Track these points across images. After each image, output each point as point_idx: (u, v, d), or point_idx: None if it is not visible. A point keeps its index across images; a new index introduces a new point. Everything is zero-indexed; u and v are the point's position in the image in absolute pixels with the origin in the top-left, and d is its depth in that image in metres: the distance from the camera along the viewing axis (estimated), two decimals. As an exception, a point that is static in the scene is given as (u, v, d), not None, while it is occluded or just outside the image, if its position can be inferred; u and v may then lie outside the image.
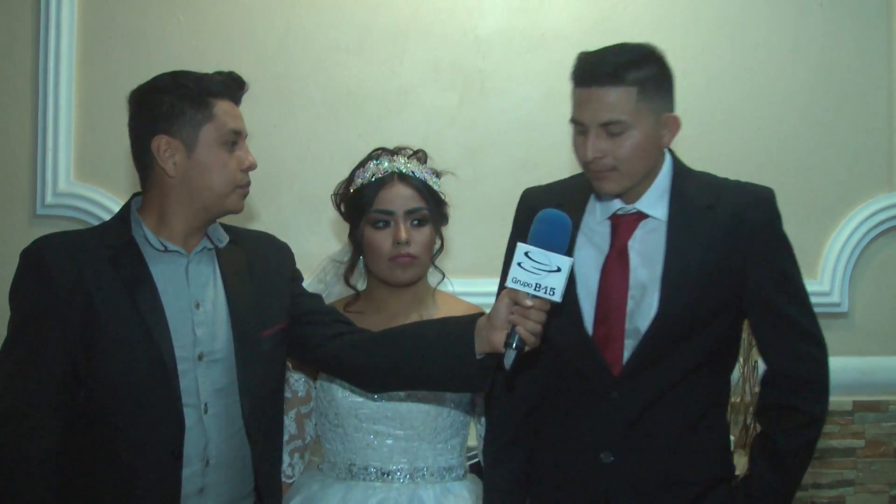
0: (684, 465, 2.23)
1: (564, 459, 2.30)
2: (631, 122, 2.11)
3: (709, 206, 2.20)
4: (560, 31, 3.71)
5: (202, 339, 2.18)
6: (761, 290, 2.19)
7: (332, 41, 3.71)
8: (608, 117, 2.10)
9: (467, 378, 2.13)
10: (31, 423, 2.08)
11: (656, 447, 2.22)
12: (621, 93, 2.09)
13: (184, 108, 2.14)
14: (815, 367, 2.22)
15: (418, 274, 2.56)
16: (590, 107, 2.11)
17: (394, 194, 2.51)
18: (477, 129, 3.74)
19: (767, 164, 3.75)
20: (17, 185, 3.62)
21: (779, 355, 2.22)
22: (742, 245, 2.18)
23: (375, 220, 2.51)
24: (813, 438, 2.22)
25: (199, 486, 2.17)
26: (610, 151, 2.12)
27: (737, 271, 2.18)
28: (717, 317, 2.20)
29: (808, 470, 3.65)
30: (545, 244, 1.97)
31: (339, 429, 2.53)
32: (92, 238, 2.19)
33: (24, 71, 3.62)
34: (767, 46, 3.77)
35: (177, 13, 3.66)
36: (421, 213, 2.53)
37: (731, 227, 2.18)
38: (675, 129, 2.22)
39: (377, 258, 2.52)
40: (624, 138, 2.11)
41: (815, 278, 3.75)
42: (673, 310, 2.16)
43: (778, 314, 2.20)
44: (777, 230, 2.24)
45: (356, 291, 2.65)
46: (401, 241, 2.48)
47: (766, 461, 2.22)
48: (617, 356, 2.21)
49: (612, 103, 2.09)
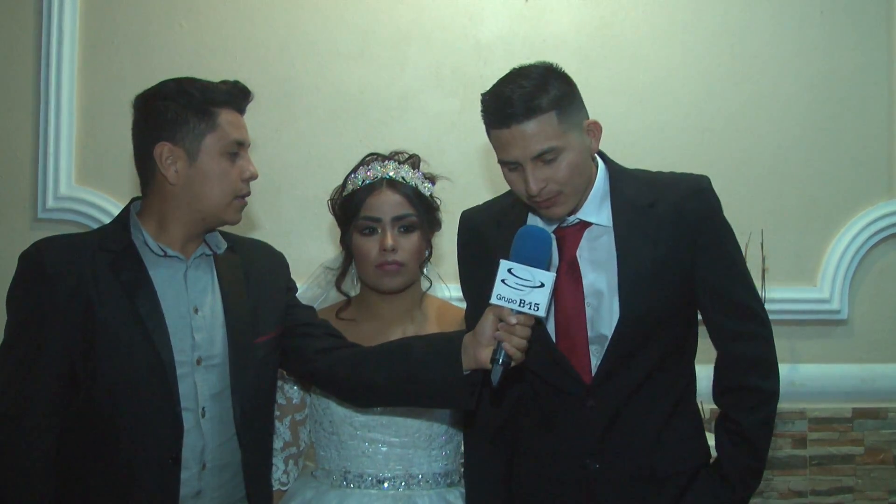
0: (667, 459, 2.25)
1: (548, 468, 2.31)
2: (561, 146, 2.10)
3: (650, 204, 2.22)
4: (561, 37, 3.72)
5: (201, 344, 2.19)
6: (709, 276, 2.22)
7: (334, 47, 3.71)
8: (538, 148, 2.09)
9: (454, 394, 2.15)
10: (30, 425, 2.08)
11: (637, 445, 2.24)
12: (542, 121, 2.08)
13: (187, 117, 2.15)
14: (763, 346, 2.26)
15: (405, 282, 2.56)
16: (517, 144, 2.10)
17: (381, 201, 2.51)
18: (478, 135, 3.69)
19: (768, 171, 3.76)
20: (18, 189, 3.62)
21: (729, 337, 2.25)
22: (687, 236, 2.20)
23: (363, 226, 2.51)
24: (771, 414, 2.26)
25: (196, 489, 2.18)
26: (551, 176, 2.11)
27: (687, 262, 2.21)
28: (677, 312, 2.24)
29: (808, 476, 3.71)
30: (528, 260, 1.98)
31: (333, 436, 2.53)
32: (91, 242, 2.19)
33: (25, 75, 3.63)
34: (768, 54, 3.78)
35: (179, 18, 3.67)
36: (409, 219, 2.52)
37: (674, 221, 2.21)
38: (598, 133, 2.22)
39: (364, 265, 2.52)
40: (559, 162, 2.11)
41: (815, 285, 3.76)
42: (635, 311, 2.18)
43: (725, 297, 2.23)
44: (718, 216, 2.26)
45: (347, 298, 2.65)
46: (387, 247, 2.47)
47: (732, 443, 2.25)
48: (584, 364, 2.22)
49: (538, 134, 2.08)
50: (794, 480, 3.75)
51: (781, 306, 3.62)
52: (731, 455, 2.25)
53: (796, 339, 3.73)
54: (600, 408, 2.23)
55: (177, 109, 2.15)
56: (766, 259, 3.64)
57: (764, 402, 2.24)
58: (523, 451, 2.38)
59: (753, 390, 2.23)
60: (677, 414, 2.28)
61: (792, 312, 3.70)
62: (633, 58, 3.75)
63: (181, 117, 2.15)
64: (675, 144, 3.73)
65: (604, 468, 2.23)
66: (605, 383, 2.21)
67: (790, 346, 3.70)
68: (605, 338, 2.21)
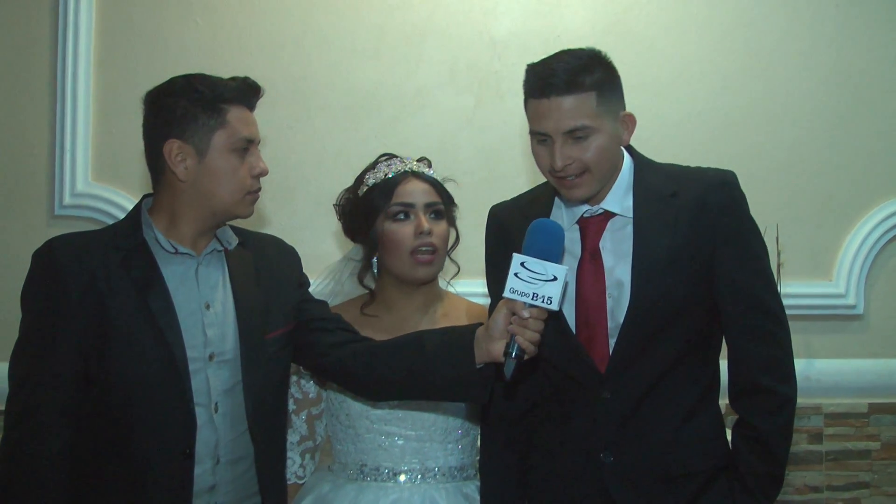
0: (684, 458, 2.23)
1: (562, 462, 2.30)
2: (595, 126, 2.13)
3: (672, 194, 2.22)
4: (575, 32, 3.71)
5: (213, 340, 2.20)
6: (728, 271, 2.20)
7: (349, 44, 3.72)
8: (572, 124, 2.12)
9: (468, 388, 2.16)
10: (44, 422, 2.10)
11: (654, 442, 2.22)
12: (581, 99, 2.11)
13: (197, 114, 2.16)
14: (780, 349, 2.23)
15: (436, 270, 2.59)
16: (552, 117, 2.12)
17: (412, 188, 2.56)
18: (493, 131, 3.74)
19: (783, 165, 3.74)
20: (35, 186, 3.64)
21: (744, 334, 2.22)
22: (708, 228, 2.19)
23: (396, 212, 2.54)
24: (789, 419, 2.22)
25: (210, 483, 2.19)
26: (577, 156, 2.13)
27: (706, 255, 2.19)
28: (693, 303, 2.21)
29: (823, 471, 3.70)
30: (540, 254, 1.99)
31: (350, 430, 2.55)
32: (103, 239, 2.21)
33: (42, 73, 3.65)
34: (782, 48, 3.76)
35: (194, 15, 3.68)
36: (438, 206, 2.58)
37: (695, 212, 2.20)
38: (632, 126, 2.24)
39: (399, 252, 2.53)
40: (589, 142, 2.13)
41: (831, 280, 3.74)
42: (645, 300, 2.17)
43: (744, 294, 2.20)
44: (741, 211, 2.24)
45: (370, 291, 2.66)
46: (423, 230, 2.51)
47: (750, 450, 2.22)
48: (604, 355, 2.22)
49: (574, 110, 2.11)
50: (809, 476, 3.73)
51: (797, 301, 3.60)
52: (750, 462, 2.22)
53: (812, 333, 3.71)
54: (616, 400, 2.21)
55: (186, 106, 2.16)
56: (782, 254, 3.62)
57: (782, 406, 2.21)
58: (537, 444, 2.38)
59: (770, 393, 2.20)
60: (697, 412, 2.26)
61: (807, 307, 3.68)
62: (647, 53, 3.74)
63: (190, 114, 2.15)
64: (690, 139, 3.72)
65: (617, 462, 2.22)
66: (621, 374, 2.20)
67: (805, 341, 3.68)
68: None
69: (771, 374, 2.21)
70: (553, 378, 2.32)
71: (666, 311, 2.18)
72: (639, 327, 2.18)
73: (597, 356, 2.22)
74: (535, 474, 2.38)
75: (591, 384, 2.23)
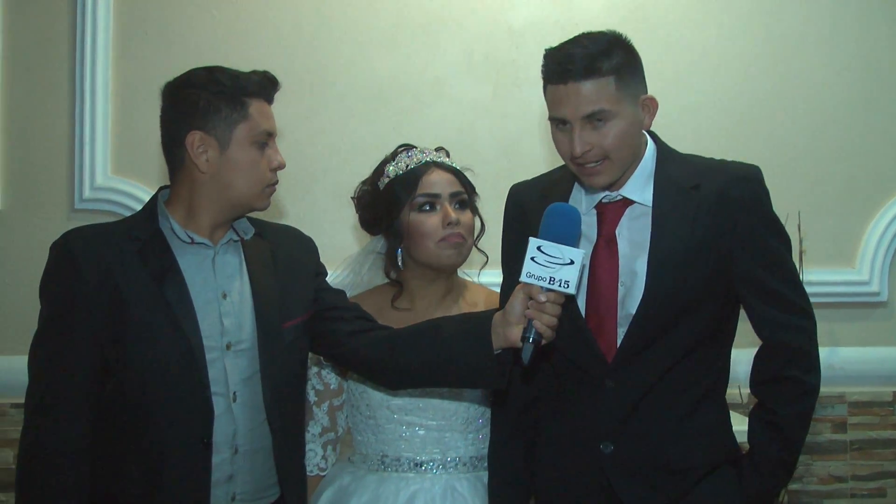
0: (685, 451, 2.21)
1: (564, 452, 2.29)
2: (614, 111, 2.10)
3: (694, 186, 2.19)
4: (593, 20, 3.64)
5: (230, 329, 2.20)
6: (748, 268, 2.18)
7: (365, 35, 3.71)
8: (591, 109, 2.09)
9: (485, 373, 2.15)
10: (63, 413, 2.11)
11: (655, 434, 2.20)
12: (600, 83, 2.09)
13: (220, 106, 2.16)
14: (805, 338, 2.21)
15: (464, 257, 2.57)
16: (570, 102, 2.10)
17: (436, 178, 2.55)
18: (511, 121, 3.73)
19: (804, 152, 3.72)
20: (55, 180, 3.66)
21: (770, 328, 2.21)
22: (728, 222, 2.17)
23: (421, 203, 2.53)
24: (809, 408, 2.22)
25: (229, 473, 2.19)
26: (597, 142, 2.11)
27: (724, 250, 2.17)
28: (706, 298, 2.18)
29: (848, 461, 3.68)
30: (557, 237, 1.99)
31: (370, 420, 2.55)
32: (119, 230, 2.22)
33: (61, 67, 3.66)
34: (803, 33, 3.73)
35: (211, 8, 3.68)
36: (462, 196, 2.57)
37: (716, 206, 2.17)
38: (654, 110, 2.21)
39: (425, 242, 2.52)
40: (609, 127, 2.11)
41: (854, 268, 3.72)
42: (659, 292, 2.15)
43: (766, 290, 2.19)
44: (763, 207, 2.21)
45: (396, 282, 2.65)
46: (452, 220, 2.50)
47: (767, 433, 2.21)
48: (611, 344, 2.20)
49: (593, 95, 2.09)
50: (834, 465, 3.71)
51: (820, 289, 3.57)
52: (765, 445, 2.21)
53: (835, 321, 3.68)
54: (619, 390, 2.20)
55: (208, 98, 2.16)
56: (804, 241, 3.60)
57: (804, 395, 2.20)
58: (542, 434, 2.36)
59: (795, 382, 2.19)
60: (702, 408, 2.24)
61: (830, 295, 3.66)
62: (666, 40, 3.72)
63: (213, 106, 2.16)
64: (710, 127, 3.70)
65: (618, 452, 2.20)
66: (627, 365, 2.19)
67: (829, 329, 3.65)
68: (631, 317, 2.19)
69: (796, 365, 2.20)
70: (558, 366, 2.31)
71: (679, 305, 2.16)
72: (651, 320, 2.16)
73: (604, 344, 2.20)
74: (539, 464, 2.36)
75: (595, 373, 2.21)
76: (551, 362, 2.30)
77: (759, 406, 2.26)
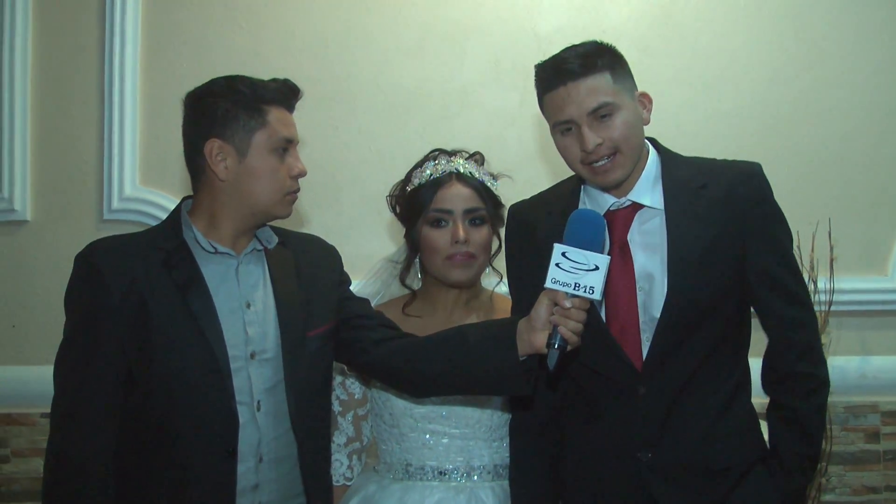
0: (722, 451, 2.22)
1: (598, 461, 2.28)
2: (616, 103, 2.14)
3: (701, 185, 2.23)
4: (621, 27, 3.68)
5: (254, 339, 2.21)
6: (761, 263, 2.21)
7: (393, 42, 3.72)
8: (595, 103, 2.13)
9: (511, 380, 2.15)
10: (88, 423, 2.12)
11: (691, 437, 2.21)
12: (597, 79, 2.14)
13: (238, 114, 2.17)
14: (812, 334, 2.26)
15: (475, 274, 2.57)
16: (573, 101, 2.14)
17: (452, 194, 2.53)
18: (538, 129, 3.72)
19: (834, 158, 3.69)
20: (85, 191, 3.70)
21: (781, 323, 2.23)
22: (738, 220, 2.20)
23: (434, 218, 2.53)
24: (825, 401, 2.26)
25: (254, 482, 2.20)
26: (606, 135, 2.14)
27: (737, 245, 2.20)
28: (726, 295, 2.21)
29: (881, 471, 3.63)
30: (581, 243, 1.99)
31: (394, 429, 2.54)
32: (144, 241, 2.23)
33: (90, 79, 3.70)
34: (833, 38, 3.71)
35: (238, 19, 3.70)
36: (479, 212, 2.54)
37: (725, 204, 2.20)
38: (649, 105, 2.26)
39: (434, 257, 2.53)
40: (614, 120, 2.14)
41: (886, 275, 3.68)
42: (683, 293, 2.16)
43: (775, 282, 2.22)
44: (769, 202, 2.25)
45: (412, 291, 2.66)
46: (459, 239, 2.49)
47: (789, 430, 2.23)
48: (637, 350, 2.20)
49: (593, 89, 2.13)
50: (867, 476, 3.67)
51: (851, 297, 3.55)
52: (788, 442, 2.23)
53: (867, 330, 3.65)
54: (652, 396, 2.20)
55: (227, 106, 2.17)
56: (835, 248, 3.57)
57: (818, 388, 2.23)
58: (570, 446, 2.35)
59: (807, 377, 2.22)
60: (732, 406, 2.25)
61: (862, 303, 3.62)
62: (693, 46, 3.71)
63: (231, 114, 2.17)
64: (739, 133, 3.68)
65: (656, 459, 2.20)
66: (657, 370, 2.19)
67: (861, 337, 3.62)
68: (656, 321, 2.19)
69: (807, 359, 2.23)
70: (580, 377, 2.30)
71: (702, 304, 2.17)
72: (676, 321, 2.17)
73: (630, 351, 2.20)
74: (571, 475, 2.36)
75: (626, 381, 2.21)
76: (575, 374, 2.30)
77: (775, 405, 2.27)
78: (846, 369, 3.57)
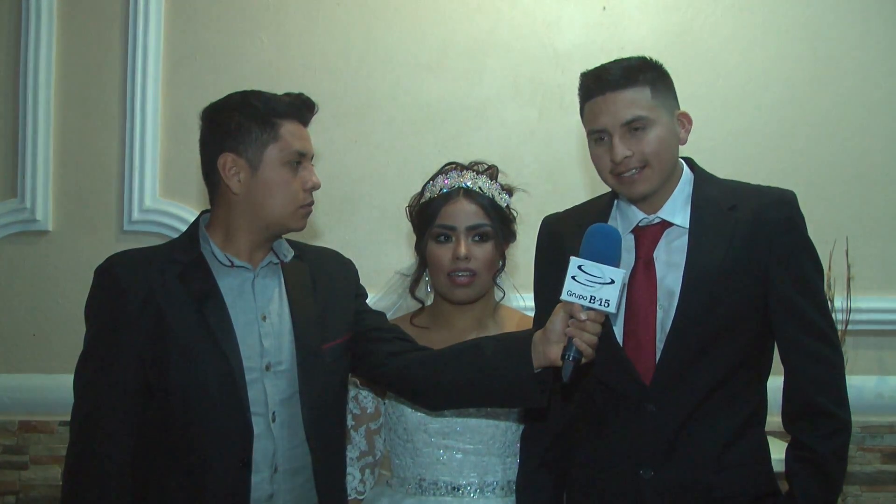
0: (726, 481, 2.18)
1: (601, 476, 2.27)
2: (652, 118, 2.15)
3: (731, 207, 2.21)
4: (639, 44, 3.69)
5: (269, 351, 2.23)
6: (784, 293, 2.17)
7: (412, 58, 3.75)
8: (630, 115, 2.14)
9: (526, 392, 2.16)
10: (107, 431, 2.14)
11: (697, 462, 2.18)
12: (637, 92, 2.16)
13: (251, 128, 2.19)
14: (835, 372, 2.20)
15: (476, 293, 2.56)
16: (609, 110, 2.16)
17: (457, 209, 2.53)
18: (556, 145, 3.74)
19: (853, 176, 3.69)
20: (106, 202, 3.74)
21: (800, 354, 2.19)
22: (764, 244, 2.17)
23: (437, 234, 2.54)
24: (846, 445, 2.19)
25: (269, 492, 2.21)
26: (637, 149, 2.15)
27: (760, 270, 2.17)
28: (742, 318, 2.18)
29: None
30: (598, 257, 2.00)
31: (408, 444, 2.55)
32: (162, 254, 2.25)
33: (113, 93, 3.75)
34: (852, 56, 3.71)
35: (259, 34, 3.74)
36: (483, 229, 2.53)
37: (752, 228, 2.18)
38: (688, 125, 2.26)
39: (437, 272, 2.55)
40: (647, 133, 2.15)
41: (914, 293, 3.66)
42: (693, 306, 2.15)
43: (799, 316, 2.18)
44: (799, 231, 2.21)
45: (423, 305, 2.67)
46: (460, 255, 2.49)
47: (807, 473, 2.17)
48: (649, 365, 2.19)
49: (631, 102, 2.15)
50: (884, 497, 3.65)
51: (868, 316, 3.53)
52: (807, 486, 2.16)
53: (884, 350, 3.63)
54: (661, 414, 2.18)
55: (240, 120, 2.19)
56: (852, 267, 3.56)
57: (839, 430, 2.17)
58: (576, 458, 2.35)
59: (828, 416, 2.16)
60: (744, 436, 2.21)
61: (879, 322, 3.61)
62: (712, 64, 3.71)
63: (244, 128, 2.19)
64: (758, 151, 3.68)
65: (658, 478, 2.18)
66: (667, 388, 2.17)
67: (878, 357, 3.61)
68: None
69: (827, 395, 2.17)
70: (592, 391, 2.30)
71: (714, 322, 2.15)
72: (684, 335, 2.16)
73: (641, 368, 2.19)
74: (574, 487, 2.36)
75: (634, 396, 2.20)
76: (586, 387, 2.30)
77: (796, 444, 2.21)
78: (863, 389, 3.56)
